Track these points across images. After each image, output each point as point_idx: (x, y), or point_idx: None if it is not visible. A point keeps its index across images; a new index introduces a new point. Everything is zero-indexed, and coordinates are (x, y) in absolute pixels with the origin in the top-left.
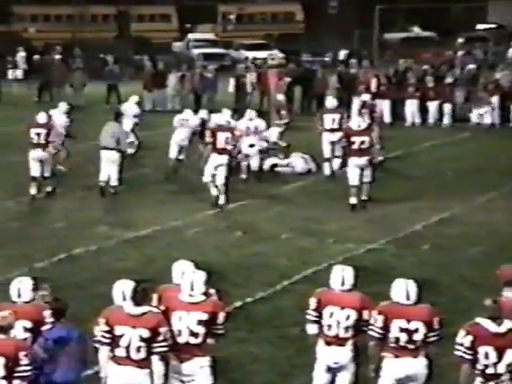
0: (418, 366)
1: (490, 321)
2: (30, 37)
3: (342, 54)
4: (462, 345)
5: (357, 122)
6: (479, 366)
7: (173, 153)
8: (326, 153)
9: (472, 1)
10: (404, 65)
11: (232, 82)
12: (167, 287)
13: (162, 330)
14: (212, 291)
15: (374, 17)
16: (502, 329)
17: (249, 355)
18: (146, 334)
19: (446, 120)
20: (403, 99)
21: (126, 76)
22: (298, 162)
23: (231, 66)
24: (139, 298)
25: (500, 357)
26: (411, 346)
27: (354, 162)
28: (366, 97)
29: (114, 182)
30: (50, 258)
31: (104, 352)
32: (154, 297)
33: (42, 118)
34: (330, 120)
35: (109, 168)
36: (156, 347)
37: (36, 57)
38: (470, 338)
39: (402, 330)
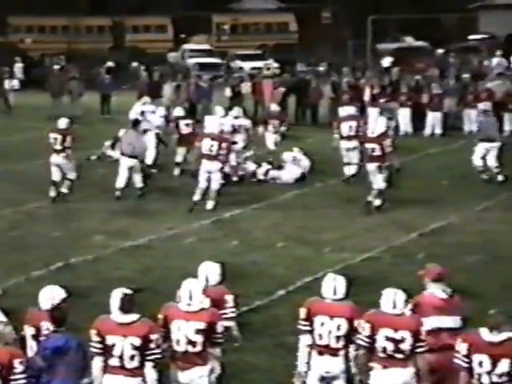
0: (406, 376)
1: (487, 330)
2: (26, 47)
3: (387, 61)
4: (458, 352)
5: (371, 129)
6: (475, 375)
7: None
8: (345, 158)
9: (463, 11)
10: (397, 74)
11: (228, 90)
12: None
13: (153, 337)
14: (229, 297)
15: (367, 27)
16: (498, 338)
17: (246, 364)
18: (137, 342)
19: (438, 129)
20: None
21: (118, 86)
22: (288, 172)
23: (226, 76)
24: (127, 306)
25: (494, 366)
26: (399, 356)
27: (368, 168)
28: (352, 109)
29: (138, 184)
30: (47, 267)
31: (97, 362)
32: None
33: (61, 123)
34: (347, 127)
35: (126, 174)
36: (149, 354)
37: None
38: (465, 345)
39: (389, 339)
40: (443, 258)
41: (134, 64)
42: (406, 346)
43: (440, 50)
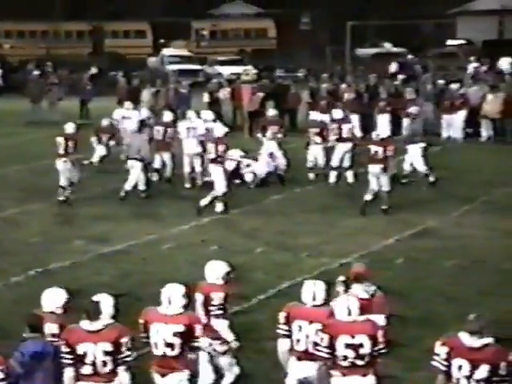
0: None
1: (467, 334)
2: (5, 53)
3: (394, 66)
4: (438, 355)
5: (377, 132)
6: (453, 379)
7: None
8: (335, 162)
9: (442, 18)
10: (374, 80)
11: (206, 96)
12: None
13: (124, 340)
14: (215, 295)
15: (345, 33)
16: (478, 343)
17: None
18: (108, 347)
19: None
20: (375, 114)
21: (98, 92)
22: (262, 164)
23: (205, 82)
24: (93, 313)
25: (473, 371)
26: (360, 362)
27: (369, 170)
28: (341, 113)
29: (141, 187)
30: (25, 273)
31: (69, 373)
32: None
33: (68, 128)
34: (347, 129)
35: (134, 176)
36: (121, 358)
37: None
38: (445, 349)
39: (348, 346)
40: (421, 263)
41: (113, 73)
42: (365, 351)
43: (410, 56)
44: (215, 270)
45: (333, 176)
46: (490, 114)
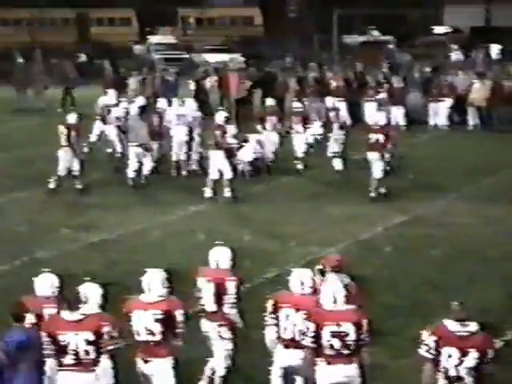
0: (350, 372)
1: (455, 322)
2: None
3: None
4: (426, 344)
5: (375, 119)
6: (442, 367)
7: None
8: (334, 148)
9: (429, 5)
10: (362, 68)
11: (192, 84)
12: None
13: (105, 329)
14: (229, 284)
15: (332, 21)
16: (466, 331)
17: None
18: (90, 336)
19: (401, 122)
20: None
21: (84, 80)
22: (248, 149)
23: (192, 70)
24: (73, 303)
25: (463, 359)
26: (346, 351)
27: (368, 157)
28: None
29: (144, 171)
30: (12, 262)
31: (51, 363)
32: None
33: (70, 118)
34: (340, 117)
35: (135, 163)
36: (104, 346)
37: None
38: (434, 337)
39: (334, 335)
40: (409, 251)
41: (99, 61)
42: (351, 339)
43: (391, 45)
44: (225, 255)
45: (337, 162)
46: (476, 101)
